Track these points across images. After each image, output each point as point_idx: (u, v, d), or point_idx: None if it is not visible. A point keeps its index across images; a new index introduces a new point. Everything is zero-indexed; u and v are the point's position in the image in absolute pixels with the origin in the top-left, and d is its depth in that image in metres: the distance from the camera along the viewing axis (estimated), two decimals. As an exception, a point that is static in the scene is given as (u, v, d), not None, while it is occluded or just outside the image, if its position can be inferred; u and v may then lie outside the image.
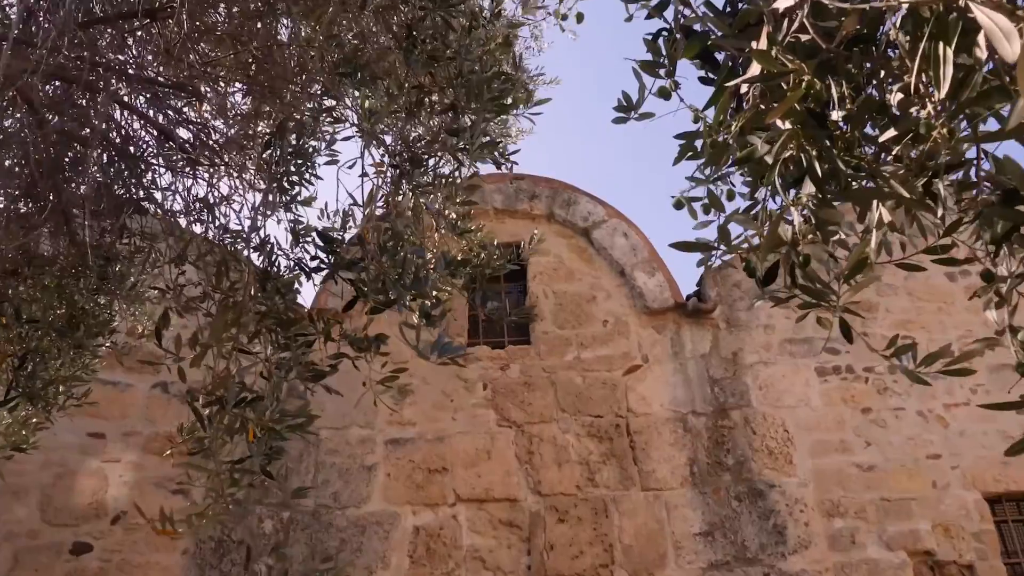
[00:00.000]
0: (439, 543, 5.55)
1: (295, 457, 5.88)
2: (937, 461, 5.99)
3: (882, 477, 5.89)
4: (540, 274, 6.75)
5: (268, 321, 1.78)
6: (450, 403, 6.16)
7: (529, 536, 5.61)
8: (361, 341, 1.68)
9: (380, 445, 5.96)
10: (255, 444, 1.69)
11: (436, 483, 5.80)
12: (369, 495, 5.75)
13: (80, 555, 5.37)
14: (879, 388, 6.27)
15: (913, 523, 5.72)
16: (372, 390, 1.80)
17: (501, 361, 6.35)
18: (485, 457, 5.92)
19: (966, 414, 6.18)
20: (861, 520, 5.71)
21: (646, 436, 6.02)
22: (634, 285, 6.61)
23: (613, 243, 6.78)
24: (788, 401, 6.20)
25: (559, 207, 6.97)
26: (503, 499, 5.75)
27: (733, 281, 6.71)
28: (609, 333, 6.49)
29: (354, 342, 1.70)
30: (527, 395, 6.19)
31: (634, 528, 5.63)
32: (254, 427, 1.68)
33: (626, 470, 5.87)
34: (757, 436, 6.02)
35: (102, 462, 5.69)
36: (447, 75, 2.05)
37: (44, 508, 5.49)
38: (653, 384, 6.27)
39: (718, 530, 5.64)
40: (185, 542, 5.50)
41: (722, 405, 6.18)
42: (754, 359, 6.39)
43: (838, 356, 6.40)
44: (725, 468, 5.89)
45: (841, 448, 6.01)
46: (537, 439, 5.99)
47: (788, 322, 6.55)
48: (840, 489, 5.83)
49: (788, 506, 5.71)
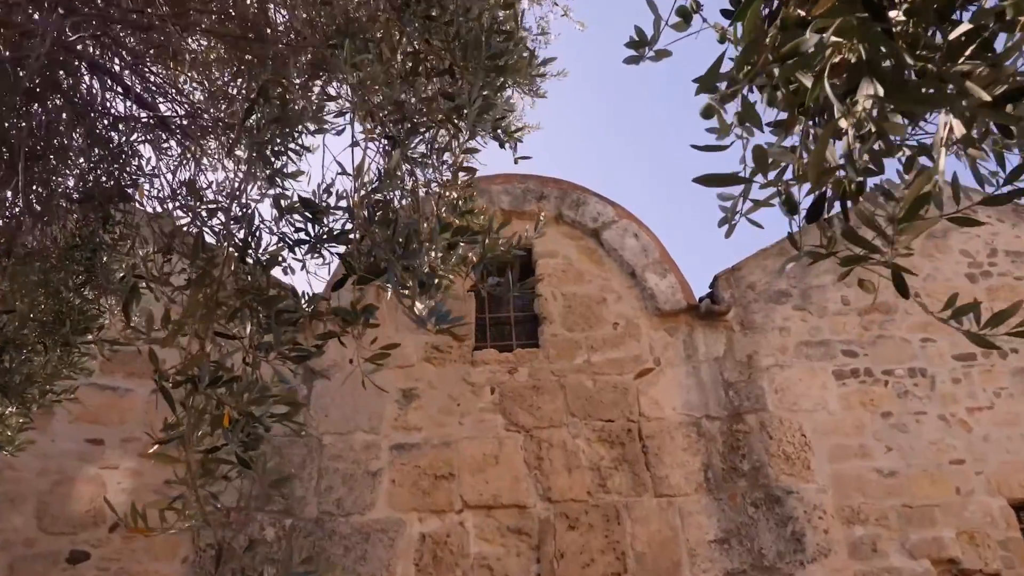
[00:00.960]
0: (446, 551, 5.38)
1: (298, 463, 5.73)
2: (960, 467, 5.78)
3: (904, 483, 5.69)
4: (549, 276, 6.59)
5: (248, 297, 1.63)
6: (457, 407, 6.00)
7: (538, 544, 5.43)
8: (348, 312, 1.53)
9: (385, 450, 5.81)
10: (231, 430, 1.54)
11: (443, 489, 5.64)
12: (374, 502, 5.59)
13: (77, 564, 5.23)
14: (899, 392, 6.07)
15: (937, 530, 5.51)
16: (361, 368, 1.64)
17: (509, 364, 6.20)
18: (493, 462, 5.75)
19: (990, 418, 5.98)
20: (883, 527, 5.51)
21: (659, 441, 5.84)
22: (645, 287, 6.45)
23: (623, 244, 6.63)
24: (805, 405, 6.01)
25: (568, 208, 6.82)
26: (511, 506, 5.58)
27: (747, 283, 6.54)
28: (620, 336, 6.33)
29: (339, 312, 1.55)
30: (536, 399, 6.02)
31: (647, 535, 5.44)
32: (230, 410, 1.53)
33: (638, 476, 5.69)
34: (773, 441, 5.83)
35: (100, 468, 5.56)
36: (444, 38, 1.91)
37: (41, 516, 5.36)
38: (665, 388, 6.09)
39: (734, 537, 5.45)
40: (185, 550, 5.36)
41: (737, 409, 5.99)
42: (770, 362, 6.21)
43: (856, 359, 6.21)
44: (741, 474, 5.70)
45: (861, 453, 5.82)
46: (546, 444, 5.82)
47: (804, 324, 6.37)
48: (860, 495, 5.63)
49: (806, 513, 5.52)
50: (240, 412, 1.55)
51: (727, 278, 6.57)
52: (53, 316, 3.18)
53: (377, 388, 2.19)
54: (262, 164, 1.79)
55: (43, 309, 3.17)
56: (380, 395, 6.02)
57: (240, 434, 1.57)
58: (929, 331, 6.34)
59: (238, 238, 1.63)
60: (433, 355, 6.22)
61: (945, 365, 6.19)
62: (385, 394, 6.03)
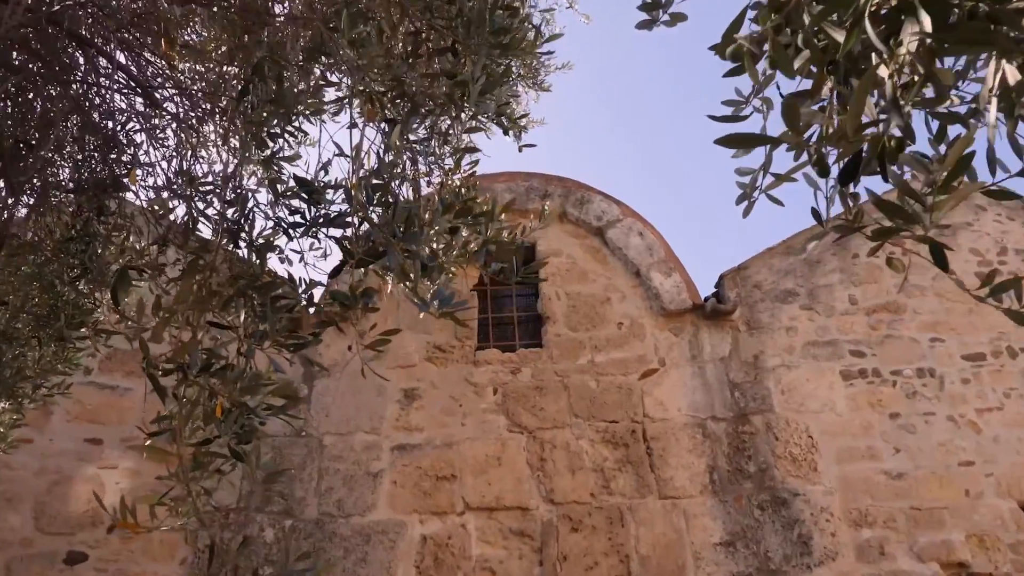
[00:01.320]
0: (447, 553, 5.30)
1: (298, 464, 5.66)
2: (970, 468, 5.69)
3: (912, 485, 5.60)
4: (552, 275, 6.52)
5: (241, 283, 1.56)
6: (459, 408, 5.92)
7: (541, 546, 5.36)
8: (345, 296, 1.46)
9: (386, 451, 5.73)
10: (224, 421, 1.47)
11: (444, 491, 5.56)
12: (374, 503, 5.51)
13: (74, 565, 5.17)
14: (907, 392, 5.99)
15: (945, 533, 5.42)
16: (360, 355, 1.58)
17: (512, 364, 6.12)
18: (495, 464, 5.67)
19: (999, 419, 5.89)
20: (891, 530, 5.42)
21: (663, 442, 5.76)
22: (650, 286, 6.37)
23: (628, 243, 6.55)
24: (812, 406, 5.93)
25: (572, 206, 6.75)
26: (514, 507, 5.50)
27: (753, 282, 6.46)
28: (624, 335, 6.25)
29: (336, 296, 1.48)
30: (539, 399, 5.95)
31: (651, 538, 5.36)
32: (223, 400, 1.46)
33: (643, 477, 5.61)
34: (780, 442, 5.74)
35: (99, 468, 5.50)
36: (446, 16, 1.84)
37: (38, 516, 5.30)
38: (670, 388, 6.02)
39: (740, 540, 5.36)
40: (184, 551, 5.29)
41: (743, 410, 5.91)
42: (776, 362, 6.13)
43: (864, 359, 6.13)
44: (746, 475, 5.62)
45: (868, 455, 5.73)
46: (549, 445, 5.74)
47: (811, 324, 6.29)
48: (868, 497, 5.55)
49: (813, 515, 5.43)
50: (233, 402, 1.48)
51: (733, 277, 6.49)
52: (47, 310, 3.12)
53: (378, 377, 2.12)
54: (257, 146, 1.72)
55: (37, 303, 3.10)
56: (381, 395, 5.95)
57: (234, 425, 1.50)
58: (938, 331, 6.26)
59: (231, 220, 1.56)
60: (435, 355, 6.15)
61: (954, 365, 6.11)
62: (386, 394, 5.96)
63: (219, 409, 1.48)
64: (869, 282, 6.49)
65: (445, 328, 6.27)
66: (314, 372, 6.01)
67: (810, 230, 6.72)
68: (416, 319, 6.30)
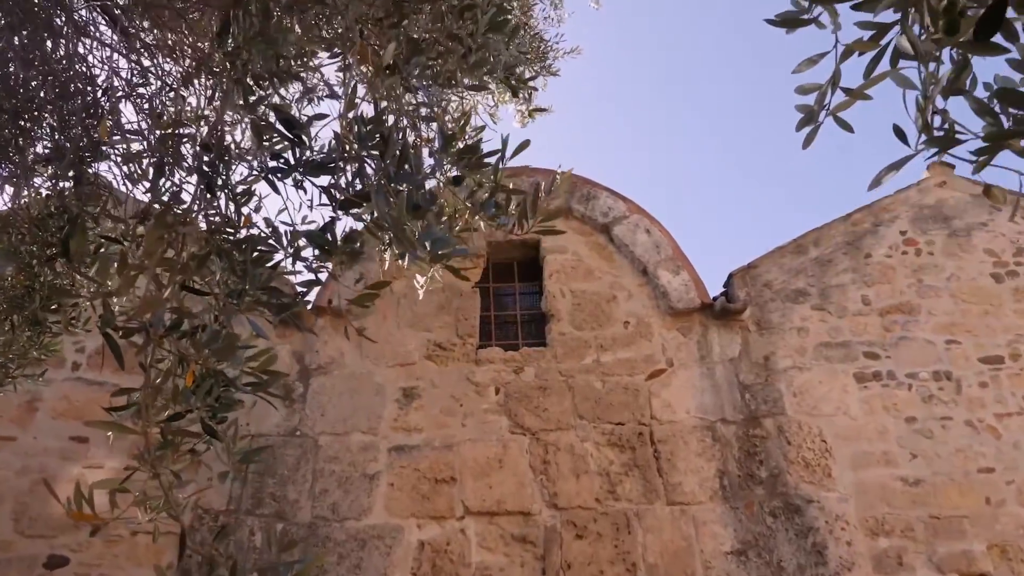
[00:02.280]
0: (445, 560, 5.08)
1: (292, 465, 5.44)
2: (990, 475, 5.47)
3: (930, 492, 5.38)
4: (557, 272, 6.32)
5: (219, 238, 1.36)
6: (459, 408, 5.71)
7: (544, 553, 5.13)
8: (324, 239, 1.26)
9: (383, 452, 5.51)
10: (195, 392, 1.26)
11: (443, 494, 5.34)
12: (371, 506, 5.29)
13: (55, 569, 4.94)
14: (924, 396, 5.78)
15: (966, 543, 5.20)
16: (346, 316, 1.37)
17: (515, 364, 5.91)
18: (497, 466, 5.45)
19: (1020, 425, 5.68)
20: (908, 539, 5.20)
21: (671, 445, 5.54)
22: (657, 284, 6.16)
23: (635, 240, 6.35)
24: (825, 409, 5.72)
25: (577, 202, 6.56)
26: (516, 512, 5.27)
27: (763, 281, 6.26)
28: (631, 335, 6.04)
29: (315, 240, 1.27)
30: (542, 400, 5.73)
31: (659, 545, 5.14)
32: (195, 367, 1.26)
33: (650, 482, 5.39)
34: (792, 446, 5.53)
35: (83, 468, 5.28)
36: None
37: (18, 518, 5.08)
38: (678, 389, 5.80)
39: (752, 549, 5.14)
40: (170, 556, 5.07)
41: (753, 413, 5.70)
42: (787, 364, 5.92)
43: (878, 361, 5.92)
44: (758, 481, 5.40)
45: (884, 460, 5.51)
46: (553, 447, 5.52)
47: (824, 324, 6.08)
48: (884, 505, 5.32)
49: (828, 523, 5.21)
50: (207, 369, 1.27)
51: (742, 276, 6.29)
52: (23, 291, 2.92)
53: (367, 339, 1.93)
54: (239, 88, 1.51)
55: (11, 283, 2.90)
56: (379, 394, 5.74)
57: (207, 397, 1.30)
58: (953, 332, 6.05)
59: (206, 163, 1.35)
60: (435, 353, 5.94)
61: (971, 368, 5.90)
62: (385, 393, 5.75)
63: (191, 377, 1.27)
64: (882, 282, 6.29)
65: (446, 325, 6.06)
66: (310, 369, 5.80)
67: (820, 229, 6.53)
68: (416, 316, 6.09)
